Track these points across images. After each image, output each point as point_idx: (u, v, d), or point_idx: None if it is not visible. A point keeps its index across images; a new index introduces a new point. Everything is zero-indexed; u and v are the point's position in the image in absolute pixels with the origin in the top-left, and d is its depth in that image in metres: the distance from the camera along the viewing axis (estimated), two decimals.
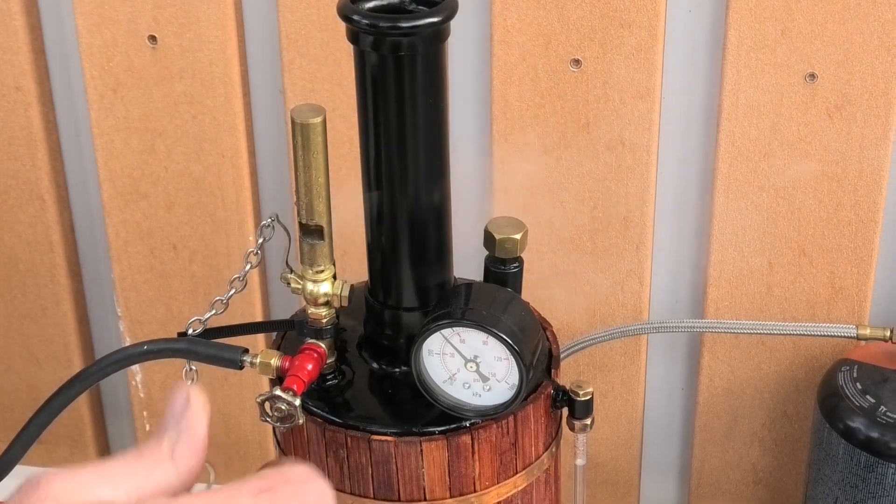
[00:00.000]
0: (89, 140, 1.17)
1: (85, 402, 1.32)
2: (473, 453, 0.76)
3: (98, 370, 0.78)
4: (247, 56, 1.12)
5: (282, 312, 1.22)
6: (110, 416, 1.36)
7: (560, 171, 1.09)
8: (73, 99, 1.19)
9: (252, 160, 1.16)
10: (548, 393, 0.79)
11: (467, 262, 1.02)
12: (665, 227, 1.12)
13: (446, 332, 0.74)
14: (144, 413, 1.30)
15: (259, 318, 1.22)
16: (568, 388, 0.80)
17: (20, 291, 1.26)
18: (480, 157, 1.12)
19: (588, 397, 0.80)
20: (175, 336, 0.80)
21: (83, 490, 0.56)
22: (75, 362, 1.28)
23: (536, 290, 1.13)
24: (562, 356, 1.11)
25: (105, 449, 1.37)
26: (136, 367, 1.27)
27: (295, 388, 0.74)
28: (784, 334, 1.09)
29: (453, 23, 0.72)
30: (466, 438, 0.76)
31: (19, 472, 0.67)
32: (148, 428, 1.30)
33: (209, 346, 0.76)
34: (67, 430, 1.33)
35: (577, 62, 1.04)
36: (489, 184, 1.11)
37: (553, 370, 0.81)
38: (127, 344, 1.26)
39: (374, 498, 0.77)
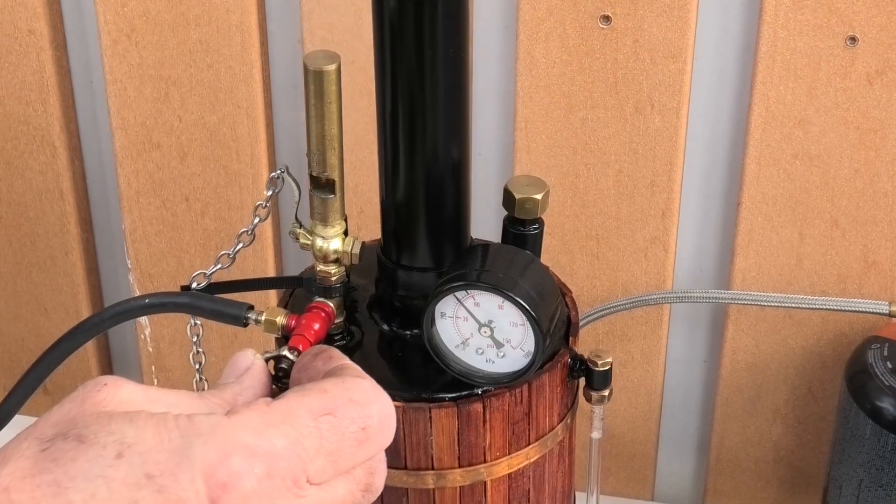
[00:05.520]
0: (102, 87, 1.14)
1: (93, 354, 1.30)
2: (485, 422, 0.73)
3: (98, 322, 0.74)
4: (265, 3, 1.09)
5: (296, 269, 1.19)
6: (119, 369, 1.33)
7: (585, 132, 1.05)
8: (87, 44, 1.15)
9: (268, 112, 1.12)
10: (564, 362, 0.76)
11: (486, 224, 0.99)
12: (692, 194, 1.09)
13: (460, 294, 0.71)
14: (153, 368, 1.27)
15: (272, 274, 1.19)
16: (586, 357, 0.77)
17: (29, 240, 1.24)
18: (503, 115, 1.09)
19: (607, 368, 0.77)
20: (179, 290, 0.76)
21: (145, 405, 0.54)
22: (84, 313, 1.25)
23: (557, 255, 1.10)
24: (581, 324, 1.07)
25: None
26: (144, 321, 1.24)
27: (300, 347, 0.71)
28: (813, 308, 1.06)
29: None
30: (478, 406, 0.73)
31: (18, 423, 0.64)
32: (156, 383, 1.28)
33: (213, 302, 0.73)
34: (75, 381, 1.30)
35: (606, 19, 1.00)
36: (511, 143, 1.08)
37: (571, 338, 0.77)
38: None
39: None
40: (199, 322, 0.78)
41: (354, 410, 0.56)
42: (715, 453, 1.19)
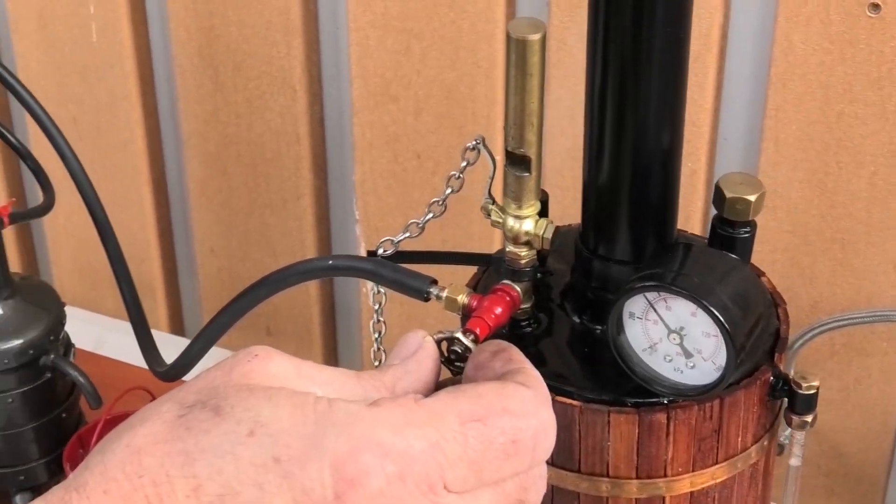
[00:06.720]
0: (346, 34, 1.12)
1: (316, 301, 1.29)
2: (668, 434, 0.67)
3: (280, 279, 0.72)
4: None
5: None
6: (340, 318, 1.32)
7: (841, 128, 0.97)
8: None
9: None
10: (765, 379, 0.69)
11: None
12: None
13: (651, 295, 0.65)
14: (371, 322, 1.25)
15: (497, 246, 1.15)
16: (790, 377, 0.70)
17: (264, 180, 1.23)
18: (753, 101, 1.01)
19: (812, 391, 0.70)
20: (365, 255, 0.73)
21: (293, 380, 0.52)
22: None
23: (797, 255, 1.03)
24: (816, 333, 0.99)
25: (332, 351, 1.33)
26: None
27: (477, 331, 0.66)
28: None
29: None
30: (661, 417, 0.67)
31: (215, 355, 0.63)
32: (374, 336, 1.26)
33: (395, 271, 0.69)
34: (297, 327, 1.30)
35: (875, 7, 0.92)
36: (759, 130, 1.00)
37: (777, 354, 0.70)
38: (362, 249, 1.22)
39: (553, 465, 0.70)
40: (383, 290, 0.75)
41: (507, 420, 0.52)
42: None
